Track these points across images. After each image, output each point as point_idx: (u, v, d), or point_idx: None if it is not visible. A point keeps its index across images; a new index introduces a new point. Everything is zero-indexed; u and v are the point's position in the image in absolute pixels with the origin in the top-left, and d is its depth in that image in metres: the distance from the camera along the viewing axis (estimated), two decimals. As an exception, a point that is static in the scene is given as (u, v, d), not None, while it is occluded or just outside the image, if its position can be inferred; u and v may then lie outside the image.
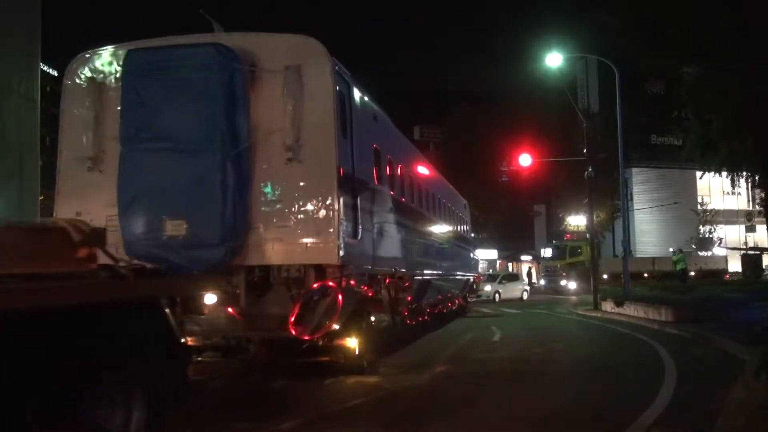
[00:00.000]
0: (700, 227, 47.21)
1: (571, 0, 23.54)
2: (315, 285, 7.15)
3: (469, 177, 34.67)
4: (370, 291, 8.87)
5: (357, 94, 8.36)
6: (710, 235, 46.71)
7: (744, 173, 24.10)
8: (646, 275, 35.08)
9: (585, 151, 24.74)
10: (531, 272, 49.49)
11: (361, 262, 8.08)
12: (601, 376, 9.10)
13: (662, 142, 48.69)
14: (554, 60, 23.87)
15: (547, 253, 45.60)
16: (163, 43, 7.36)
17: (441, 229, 15.29)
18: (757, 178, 23.33)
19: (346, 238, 7.32)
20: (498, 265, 50.81)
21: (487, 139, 40.39)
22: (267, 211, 7.10)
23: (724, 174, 24.91)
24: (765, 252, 42.38)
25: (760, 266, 39.26)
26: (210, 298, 6.64)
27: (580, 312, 21.87)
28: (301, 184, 7.14)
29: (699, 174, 28.60)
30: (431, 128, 50.77)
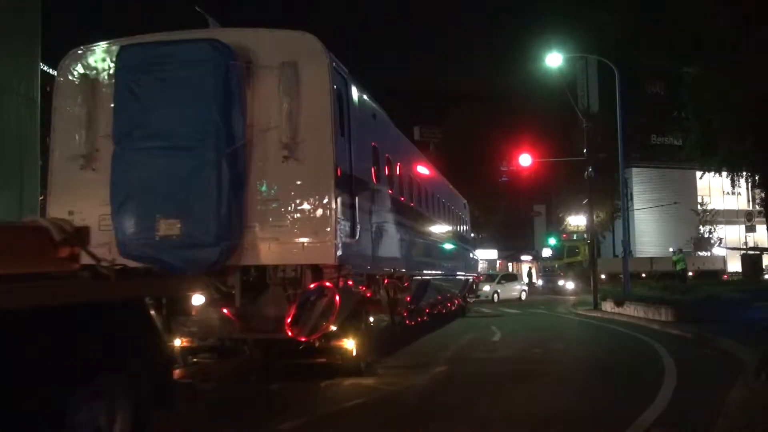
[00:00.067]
0: (700, 227, 47.13)
1: (571, 0, 23.41)
2: (312, 285, 7.04)
3: (469, 177, 34.61)
4: (368, 291, 8.76)
5: (355, 91, 8.24)
6: (709, 236, 46.60)
7: (744, 173, 24.08)
8: (644, 275, 34.94)
9: (585, 151, 24.68)
10: (531, 272, 49.47)
11: (359, 262, 7.96)
12: (601, 376, 9.11)
13: (662, 142, 48.63)
14: (554, 60, 23.83)
15: (546, 253, 45.50)
16: (157, 39, 7.23)
17: (441, 228, 15.18)
18: (757, 177, 23.31)
19: (343, 237, 7.20)
20: (498, 265, 50.72)
21: (487, 139, 40.40)
22: (263, 210, 6.97)
23: (724, 174, 24.90)
24: (765, 252, 42.34)
25: (760, 266, 39.21)
26: (199, 299, 6.54)
27: (580, 312, 21.83)
28: (298, 182, 7.01)
29: (699, 174, 28.58)
30: (431, 128, 50.68)
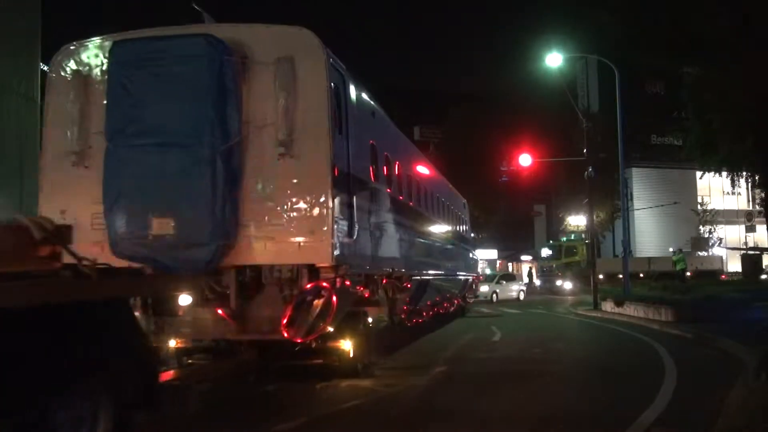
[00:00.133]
0: (700, 227, 47.09)
1: (571, 0, 23.35)
2: (308, 285, 6.92)
3: (469, 177, 34.53)
4: (366, 292, 8.64)
5: (353, 88, 8.12)
6: (709, 236, 46.57)
7: (744, 173, 24.05)
8: (642, 275, 34.86)
9: (585, 151, 24.66)
10: (531, 272, 49.38)
11: (356, 262, 7.82)
12: (601, 376, 9.09)
13: (662, 142, 48.59)
14: (554, 60, 23.82)
15: (545, 253, 45.48)
16: (151, 34, 7.09)
17: (440, 228, 15.07)
18: (757, 177, 23.30)
19: (340, 237, 7.07)
20: (498, 265, 50.64)
21: (487, 139, 40.37)
22: (258, 208, 6.82)
23: (724, 174, 24.89)
24: (765, 252, 42.33)
25: (760, 266, 39.21)
26: (186, 299, 6.42)
27: (579, 312, 21.78)
28: (294, 180, 6.86)
29: (699, 174, 28.56)
30: (431, 128, 50.63)
